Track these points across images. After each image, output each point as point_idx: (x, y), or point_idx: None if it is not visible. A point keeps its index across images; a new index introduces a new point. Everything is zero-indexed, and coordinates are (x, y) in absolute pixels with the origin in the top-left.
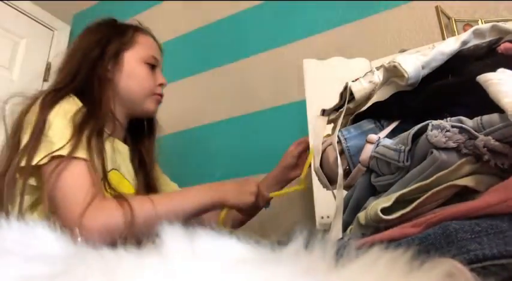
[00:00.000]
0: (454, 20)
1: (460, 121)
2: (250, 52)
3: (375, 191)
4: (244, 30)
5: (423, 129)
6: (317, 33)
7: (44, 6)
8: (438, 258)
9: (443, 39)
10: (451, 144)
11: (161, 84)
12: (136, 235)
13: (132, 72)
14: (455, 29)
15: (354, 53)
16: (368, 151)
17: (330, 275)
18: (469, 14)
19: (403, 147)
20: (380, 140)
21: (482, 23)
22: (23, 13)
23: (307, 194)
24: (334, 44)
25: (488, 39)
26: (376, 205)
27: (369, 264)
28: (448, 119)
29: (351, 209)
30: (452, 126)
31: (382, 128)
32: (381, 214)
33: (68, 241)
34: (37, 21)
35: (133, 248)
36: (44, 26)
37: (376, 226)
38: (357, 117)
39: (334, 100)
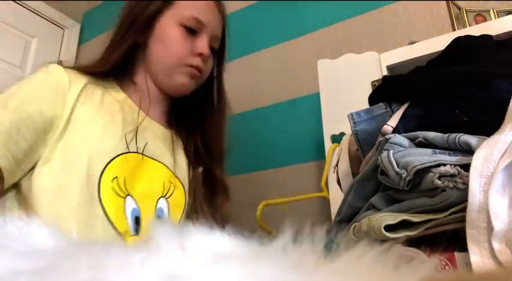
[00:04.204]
0: (465, 10)
1: (469, 146)
2: (258, 47)
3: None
4: (252, 24)
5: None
6: (326, 27)
7: (54, 5)
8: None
9: (454, 30)
10: (460, 186)
11: (200, 55)
12: None
13: (162, 35)
14: (466, 20)
15: (363, 45)
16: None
17: (318, 269)
18: (480, 4)
19: (404, 173)
20: (391, 137)
21: (494, 14)
22: (34, 12)
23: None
24: (343, 37)
25: None
26: (381, 220)
27: (357, 258)
28: (453, 164)
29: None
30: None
31: (392, 113)
32: (384, 232)
33: (61, 237)
34: (48, 20)
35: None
36: (55, 24)
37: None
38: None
39: (346, 95)
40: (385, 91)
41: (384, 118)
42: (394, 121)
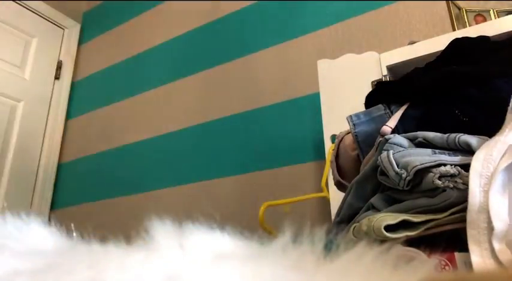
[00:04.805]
0: (465, 10)
1: (469, 146)
2: (258, 47)
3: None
4: (252, 24)
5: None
6: (326, 27)
7: (54, 5)
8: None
9: (454, 30)
10: (461, 186)
11: None
12: None
13: None
14: (466, 20)
15: (363, 45)
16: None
17: (318, 269)
18: (480, 4)
19: (404, 173)
20: (390, 137)
21: (493, 14)
22: (34, 12)
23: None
24: (343, 37)
25: None
26: (381, 220)
27: (356, 258)
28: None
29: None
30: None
31: (391, 114)
32: (385, 232)
33: (61, 236)
34: (48, 20)
35: (122, 242)
36: (55, 24)
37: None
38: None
39: (346, 95)
40: (384, 92)
41: (383, 119)
42: (393, 122)
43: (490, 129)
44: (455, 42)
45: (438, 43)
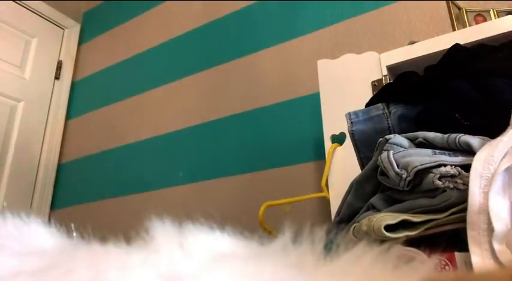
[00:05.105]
0: (465, 10)
1: (469, 146)
2: (258, 47)
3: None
4: (252, 24)
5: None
6: (326, 27)
7: (54, 5)
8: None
9: (454, 30)
10: (461, 186)
11: None
12: None
13: None
14: (466, 20)
15: (363, 45)
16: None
17: (318, 269)
18: (480, 4)
19: (404, 174)
20: (391, 137)
21: (493, 14)
22: (34, 12)
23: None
24: (343, 37)
25: None
26: (381, 220)
27: (356, 258)
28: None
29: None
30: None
31: (389, 115)
32: (384, 232)
33: (61, 236)
34: (48, 20)
35: (122, 242)
36: (55, 24)
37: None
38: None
39: (347, 95)
40: (382, 92)
41: (380, 120)
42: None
43: (492, 133)
44: (456, 47)
45: (438, 43)
